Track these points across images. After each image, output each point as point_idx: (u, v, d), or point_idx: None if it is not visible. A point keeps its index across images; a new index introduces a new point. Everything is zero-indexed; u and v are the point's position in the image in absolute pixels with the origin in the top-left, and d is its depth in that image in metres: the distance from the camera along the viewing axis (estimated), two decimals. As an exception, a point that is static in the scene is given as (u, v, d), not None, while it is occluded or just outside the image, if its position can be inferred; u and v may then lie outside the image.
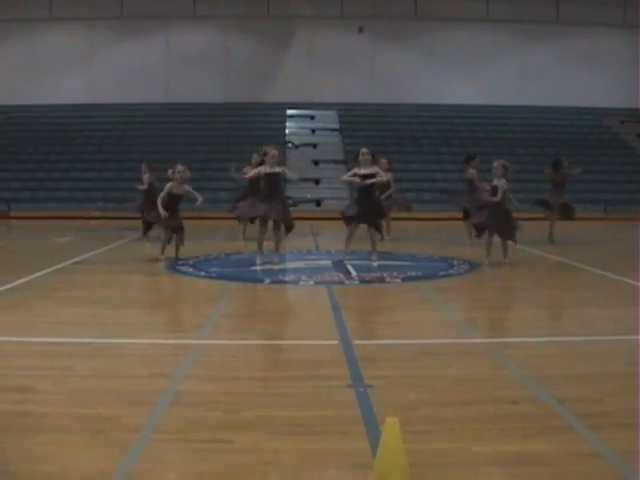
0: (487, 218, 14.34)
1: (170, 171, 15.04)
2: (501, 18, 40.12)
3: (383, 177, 14.88)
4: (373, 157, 14.81)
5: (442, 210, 28.23)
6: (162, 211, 14.52)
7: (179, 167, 14.81)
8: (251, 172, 14.91)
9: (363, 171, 14.45)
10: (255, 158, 17.92)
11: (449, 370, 6.81)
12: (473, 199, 17.43)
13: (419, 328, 9.00)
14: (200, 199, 14.81)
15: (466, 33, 40.12)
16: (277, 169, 14.00)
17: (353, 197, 14.89)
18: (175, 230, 14.79)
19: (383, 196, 17.38)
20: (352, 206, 14.94)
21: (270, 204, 13.94)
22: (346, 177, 15.17)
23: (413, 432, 4.94)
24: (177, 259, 14.56)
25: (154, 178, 18.52)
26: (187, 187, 14.85)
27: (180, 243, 14.82)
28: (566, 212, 18.96)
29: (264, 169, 13.99)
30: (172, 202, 14.71)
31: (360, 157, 14.58)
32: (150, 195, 17.37)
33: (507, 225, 14.27)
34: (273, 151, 14.10)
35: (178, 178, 14.71)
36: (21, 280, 12.02)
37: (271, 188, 14.04)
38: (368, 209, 14.42)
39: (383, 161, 17.60)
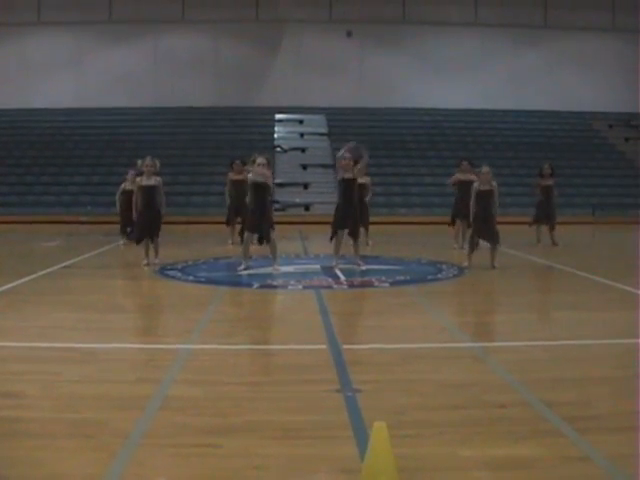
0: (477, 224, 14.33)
1: (139, 161, 15.12)
2: (490, 22, 40.24)
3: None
4: (356, 163, 14.46)
5: (430, 214, 28.32)
6: (135, 213, 14.74)
7: (147, 160, 14.70)
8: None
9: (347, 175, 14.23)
10: (238, 165, 18.28)
11: (438, 374, 6.82)
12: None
13: (407, 332, 9.00)
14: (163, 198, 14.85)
15: (455, 37, 40.23)
16: (260, 179, 13.71)
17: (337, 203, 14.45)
18: (150, 232, 14.67)
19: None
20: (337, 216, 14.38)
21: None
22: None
23: (402, 436, 4.94)
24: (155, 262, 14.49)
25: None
26: (157, 179, 14.76)
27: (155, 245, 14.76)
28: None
29: (252, 177, 13.82)
30: (143, 196, 14.62)
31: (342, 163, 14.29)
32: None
33: (493, 230, 14.27)
34: (260, 159, 13.76)
35: (146, 171, 14.62)
36: (10, 285, 11.98)
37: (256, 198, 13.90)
38: (349, 215, 14.27)
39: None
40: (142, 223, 14.65)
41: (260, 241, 14.12)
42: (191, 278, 13.17)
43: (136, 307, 11.27)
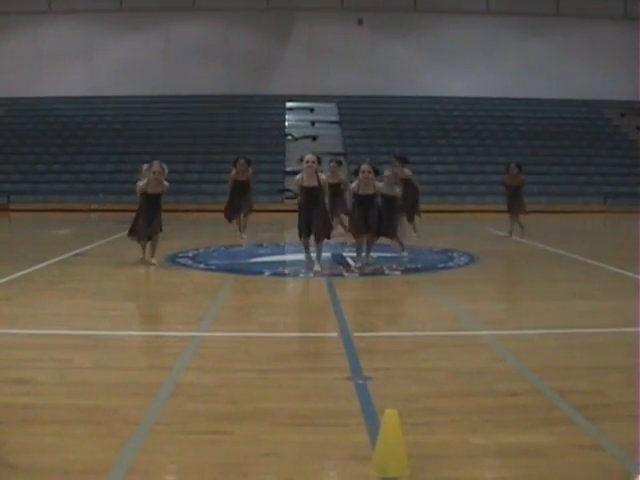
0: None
1: (145, 166, 14.36)
2: (501, 11, 40.07)
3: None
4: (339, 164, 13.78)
5: (443, 202, 28.29)
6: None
7: (155, 166, 13.86)
8: None
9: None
10: (242, 164, 17.57)
11: (448, 362, 6.82)
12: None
13: (418, 320, 9.01)
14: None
15: (466, 26, 40.06)
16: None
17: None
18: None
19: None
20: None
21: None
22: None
23: (412, 424, 4.94)
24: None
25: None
26: (165, 185, 14.07)
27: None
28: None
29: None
30: (150, 201, 14.15)
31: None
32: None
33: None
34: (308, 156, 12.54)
35: (154, 178, 13.88)
36: (22, 272, 12.02)
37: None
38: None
39: (332, 164, 17.90)
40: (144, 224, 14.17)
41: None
42: (202, 266, 13.18)
43: (147, 294, 11.29)
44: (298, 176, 12.61)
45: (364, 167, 12.79)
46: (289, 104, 38.74)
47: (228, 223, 18.02)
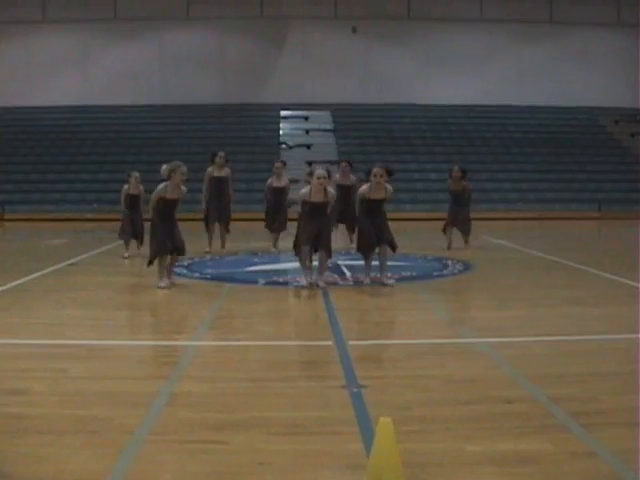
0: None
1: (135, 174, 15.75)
2: (495, 18, 40.19)
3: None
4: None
5: (436, 210, 28.30)
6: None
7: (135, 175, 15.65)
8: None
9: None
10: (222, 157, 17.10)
11: (443, 370, 6.82)
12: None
13: (413, 328, 9.01)
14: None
15: (460, 33, 40.18)
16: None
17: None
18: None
19: None
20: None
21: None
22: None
23: (407, 432, 4.95)
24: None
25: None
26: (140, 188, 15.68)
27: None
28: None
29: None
30: (133, 203, 15.82)
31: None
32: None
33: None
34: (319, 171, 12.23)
35: (135, 183, 15.71)
36: (16, 282, 12.01)
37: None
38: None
39: (343, 165, 17.60)
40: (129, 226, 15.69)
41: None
42: (197, 275, 13.18)
43: (142, 304, 11.26)
44: (304, 190, 12.04)
45: (377, 170, 12.06)
46: (283, 112, 38.79)
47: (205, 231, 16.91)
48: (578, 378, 6.46)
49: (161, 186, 11.81)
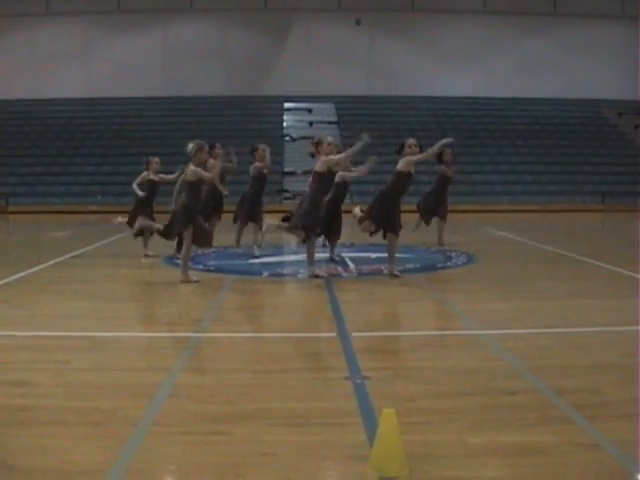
0: None
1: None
2: (499, 10, 40.13)
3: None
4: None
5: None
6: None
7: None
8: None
9: None
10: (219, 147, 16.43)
11: (447, 362, 6.82)
12: None
13: (417, 320, 9.01)
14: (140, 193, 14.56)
15: (464, 25, 40.12)
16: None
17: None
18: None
19: None
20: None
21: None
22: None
23: (410, 423, 4.95)
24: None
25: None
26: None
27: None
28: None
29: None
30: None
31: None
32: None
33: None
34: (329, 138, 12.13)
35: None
36: (20, 274, 12.02)
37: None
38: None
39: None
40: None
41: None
42: (201, 267, 13.17)
43: (145, 296, 11.27)
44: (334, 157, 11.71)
45: (411, 141, 12.12)
46: (287, 105, 38.77)
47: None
48: (581, 370, 6.46)
49: (195, 168, 11.30)
